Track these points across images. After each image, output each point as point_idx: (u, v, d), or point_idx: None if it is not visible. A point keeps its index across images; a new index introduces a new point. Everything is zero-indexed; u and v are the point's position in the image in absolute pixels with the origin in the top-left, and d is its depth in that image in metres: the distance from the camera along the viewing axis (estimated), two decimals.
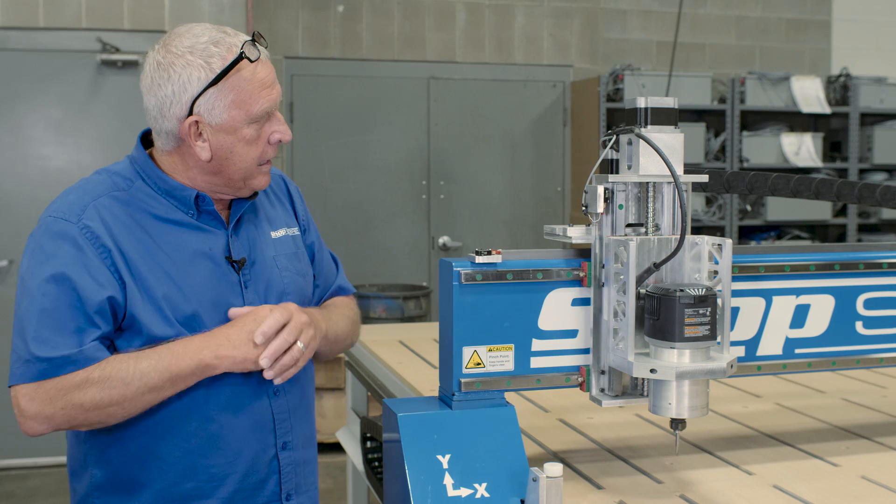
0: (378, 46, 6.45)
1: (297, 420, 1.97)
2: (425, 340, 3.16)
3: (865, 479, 1.87)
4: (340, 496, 5.04)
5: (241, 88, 1.78)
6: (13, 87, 5.37)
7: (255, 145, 1.83)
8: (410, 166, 6.60)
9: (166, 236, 1.83)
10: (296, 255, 2.02)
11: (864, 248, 2.06)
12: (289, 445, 1.95)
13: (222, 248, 1.88)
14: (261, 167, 1.87)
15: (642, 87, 6.35)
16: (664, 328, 1.63)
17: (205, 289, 1.84)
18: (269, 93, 1.81)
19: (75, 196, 1.83)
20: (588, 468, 1.93)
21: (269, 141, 1.84)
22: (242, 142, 1.81)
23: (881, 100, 6.92)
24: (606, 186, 1.71)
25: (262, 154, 1.84)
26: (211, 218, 1.88)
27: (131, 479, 1.84)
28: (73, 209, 1.79)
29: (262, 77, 1.80)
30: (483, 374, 1.74)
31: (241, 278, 1.89)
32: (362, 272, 6.32)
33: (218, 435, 1.85)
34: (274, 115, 1.85)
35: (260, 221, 1.98)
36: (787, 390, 2.59)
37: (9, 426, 5.42)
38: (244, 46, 1.77)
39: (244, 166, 1.84)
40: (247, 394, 1.87)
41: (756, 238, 6.95)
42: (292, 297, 1.95)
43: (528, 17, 6.69)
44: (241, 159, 1.83)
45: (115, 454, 1.84)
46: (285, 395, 1.94)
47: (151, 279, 1.79)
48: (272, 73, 1.83)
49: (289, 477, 1.95)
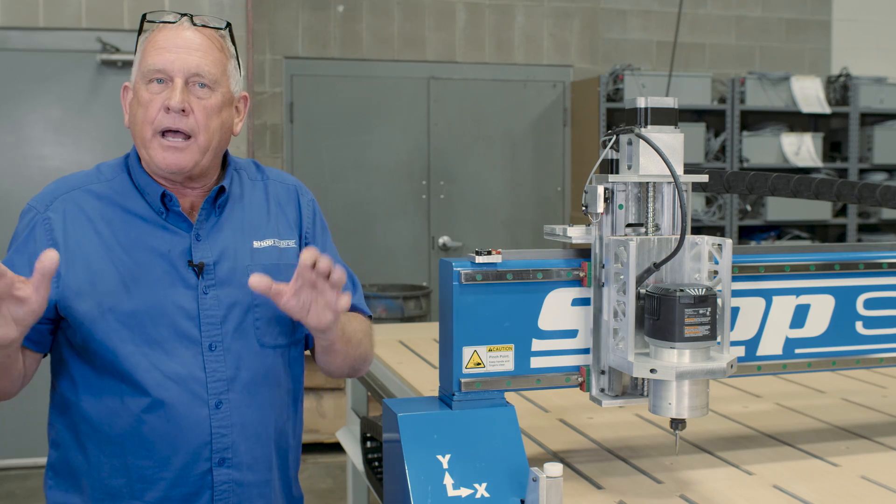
0: (378, 46, 6.45)
1: (247, 439, 1.86)
2: (425, 340, 3.16)
3: (865, 479, 1.87)
4: (340, 496, 5.04)
5: (142, 51, 1.82)
6: (13, 87, 5.37)
7: (147, 109, 1.77)
8: (410, 166, 6.60)
9: (129, 231, 1.82)
10: (278, 266, 1.89)
11: (864, 248, 2.06)
12: (228, 463, 1.84)
13: (183, 251, 1.83)
14: (159, 139, 1.78)
15: (642, 87, 6.35)
16: (664, 328, 1.63)
17: (153, 289, 1.80)
18: (162, 53, 1.77)
19: (53, 186, 1.90)
20: (588, 468, 1.93)
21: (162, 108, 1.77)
22: (139, 105, 1.79)
23: (881, 100, 6.92)
24: (606, 186, 1.71)
25: (153, 118, 1.77)
26: (179, 219, 1.84)
27: (74, 465, 1.86)
28: (45, 199, 1.87)
29: (160, 39, 1.80)
30: (483, 374, 1.74)
31: (200, 283, 1.83)
32: (362, 272, 6.32)
33: (147, 436, 1.80)
34: (173, 83, 1.77)
35: (243, 229, 1.90)
36: (787, 390, 2.59)
37: (9, 426, 5.44)
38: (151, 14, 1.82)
39: (139, 130, 1.79)
40: (183, 401, 1.80)
41: (756, 238, 6.95)
42: (261, 310, 1.87)
43: (528, 17, 6.69)
44: (138, 123, 1.79)
45: (64, 437, 1.87)
46: (232, 411, 1.84)
47: (99, 274, 1.79)
48: (184, 41, 1.79)
49: (224, 496, 1.85)
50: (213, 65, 1.81)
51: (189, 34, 1.80)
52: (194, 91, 1.79)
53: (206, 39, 1.82)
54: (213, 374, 1.83)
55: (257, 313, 1.88)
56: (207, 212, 1.87)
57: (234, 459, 1.85)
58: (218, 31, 1.86)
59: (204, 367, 1.82)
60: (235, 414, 1.85)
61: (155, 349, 1.80)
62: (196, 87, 1.79)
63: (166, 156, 1.78)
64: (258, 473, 1.90)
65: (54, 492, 1.90)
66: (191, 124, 1.78)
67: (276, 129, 6.30)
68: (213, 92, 1.81)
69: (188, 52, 1.78)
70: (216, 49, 1.83)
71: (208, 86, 1.80)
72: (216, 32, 1.85)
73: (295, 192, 2.03)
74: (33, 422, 5.53)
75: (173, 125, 1.77)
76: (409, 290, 6.09)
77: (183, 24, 1.81)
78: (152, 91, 1.78)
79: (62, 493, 1.89)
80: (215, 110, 1.81)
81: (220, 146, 1.86)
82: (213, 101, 1.81)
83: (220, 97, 1.83)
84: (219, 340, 1.84)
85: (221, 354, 1.84)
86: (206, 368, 1.82)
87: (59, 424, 1.89)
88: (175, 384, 1.80)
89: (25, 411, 5.43)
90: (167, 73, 1.77)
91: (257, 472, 1.90)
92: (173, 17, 1.81)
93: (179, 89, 1.76)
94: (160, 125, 1.77)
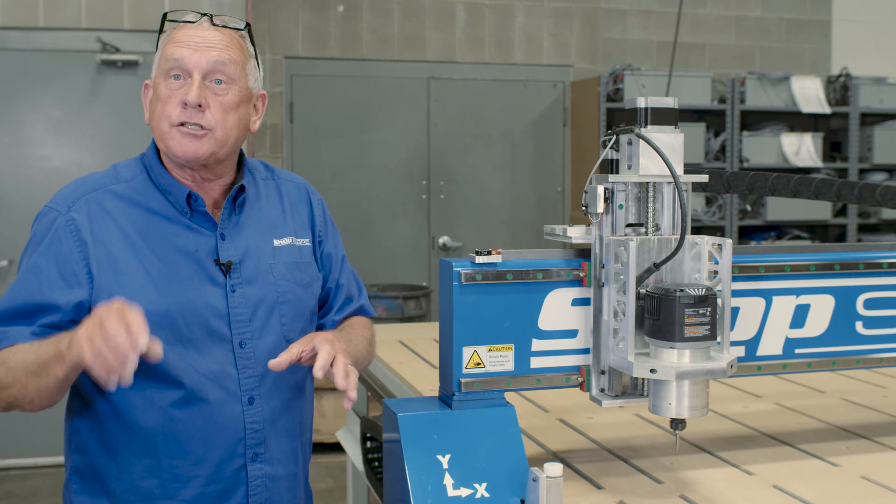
0: (378, 46, 6.45)
1: (277, 434, 1.91)
2: (425, 340, 3.16)
3: (865, 479, 1.87)
4: (340, 496, 5.04)
5: (163, 48, 1.84)
6: (13, 87, 5.37)
7: (165, 105, 1.80)
8: (410, 166, 6.60)
9: (154, 232, 1.83)
10: (297, 264, 1.96)
11: (864, 248, 2.06)
12: (260, 458, 1.88)
13: (209, 250, 1.86)
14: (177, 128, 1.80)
15: (642, 87, 6.35)
16: (664, 328, 1.63)
17: (183, 288, 1.82)
18: (180, 48, 1.80)
19: (72, 188, 1.88)
20: (588, 468, 1.93)
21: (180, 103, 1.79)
22: (158, 99, 1.82)
23: (881, 100, 6.92)
24: (606, 186, 1.72)
25: (171, 113, 1.80)
26: (203, 219, 1.87)
27: (102, 468, 1.85)
28: (66, 200, 1.85)
29: (180, 35, 1.82)
30: (483, 374, 1.74)
31: (227, 282, 1.86)
32: (362, 272, 6.29)
33: (181, 436, 1.82)
34: (191, 78, 1.80)
35: (263, 228, 1.94)
36: (787, 390, 2.59)
37: (9, 426, 5.44)
38: (171, 13, 1.84)
39: (158, 125, 1.82)
40: (218, 398, 1.83)
41: (756, 238, 6.95)
42: (287, 307, 1.91)
43: (528, 17, 6.69)
44: (156, 118, 1.82)
45: (89, 441, 1.86)
46: (263, 406, 1.88)
47: (129, 275, 1.79)
48: (202, 38, 1.81)
49: (258, 491, 1.89)
50: (230, 61, 1.83)
51: (208, 33, 1.83)
52: (211, 87, 1.81)
53: (225, 37, 1.84)
54: (244, 370, 1.86)
55: (283, 310, 1.91)
56: (229, 211, 1.90)
57: (266, 454, 1.89)
58: (237, 31, 1.89)
59: (235, 364, 1.85)
60: (266, 409, 1.88)
61: (188, 348, 1.82)
62: (213, 84, 1.81)
63: (184, 142, 1.80)
64: (287, 467, 1.95)
65: (81, 496, 1.88)
66: (207, 119, 1.80)
67: (276, 128, 6.31)
68: (230, 88, 1.83)
69: (206, 49, 1.81)
70: (235, 47, 1.85)
71: (225, 82, 1.82)
72: (235, 32, 1.88)
73: (305, 191, 2.08)
74: (33, 422, 5.53)
75: (190, 119, 1.79)
76: (409, 290, 6.08)
77: (203, 24, 1.84)
78: (170, 87, 1.80)
79: (89, 497, 1.87)
80: (232, 106, 1.83)
81: (237, 142, 1.88)
82: (230, 98, 1.83)
83: (238, 93, 1.84)
84: (248, 337, 1.87)
85: (251, 351, 1.87)
86: (238, 365, 1.85)
87: (84, 429, 1.86)
88: (210, 382, 1.83)
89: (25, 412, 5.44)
90: (185, 68, 1.80)
91: (286, 465, 1.95)
92: (194, 17, 1.84)
93: (196, 84, 1.79)
94: (177, 119, 1.80)
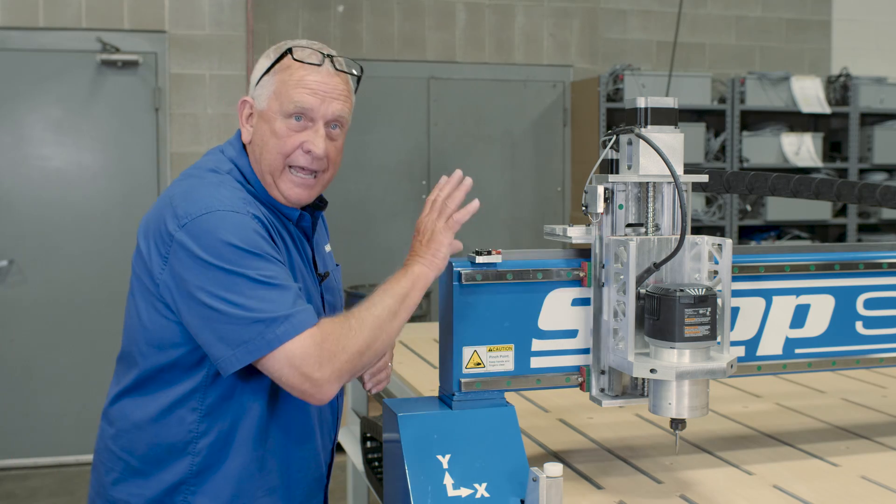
0: (378, 46, 6.45)
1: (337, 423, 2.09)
2: (425, 340, 3.16)
3: (865, 479, 1.87)
4: (340, 496, 5.03)
5: (284, 82, 1.87)
6: (13, 87, 5.37)
7: (285, 142, 1.86)
8: (410, 166, 6.60)
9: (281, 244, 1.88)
10: (338, 268, 2.13)
11: (864, 248, 2.06)
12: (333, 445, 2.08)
13: (309, 261, 1.98)
14: (292, 173, 1.87)
15: (642, 87, 6.35)
16: (664, 328, 1.63)
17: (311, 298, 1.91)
18: (307, 96, 1.84)
19: (226, 191, 1.82)
20: (588, 468, 1.93)
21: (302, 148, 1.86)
22: (273, 134, 1.87)
23: (881, 100, 6.92)
24: (606, 186, 1.72)
25: (289, 153, 1.86)
26: (301, 233, 1.97)
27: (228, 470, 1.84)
28: (234, 202, 1.79)
29: (309, 80, 1.86)
30: (483, 374, 1.74)
31: (321, 290, 1.99)
32: (362, 272, 6.31)
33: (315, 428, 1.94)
34: (315, 125, 1.87)
35: (321, 233, 2.08)
36: (787, 390, 2.59)
37: (9, 426, 5.44)
38: (297, 50, 1.87)
39: (271, 159, 1.87)
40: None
41: (756, 238, 6.95)
42: (339, 311, 2.03)
43: (528, 17, 6.69)
44: (269, 151, 1.87)
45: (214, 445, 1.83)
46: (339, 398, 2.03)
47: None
48: (328, 86, 1.87)
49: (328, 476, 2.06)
50: (348, 110, 1.93)
51: (333, 80, 1.89)
52: (328, 132, 1.89)
53: (345, 84, 1.93)
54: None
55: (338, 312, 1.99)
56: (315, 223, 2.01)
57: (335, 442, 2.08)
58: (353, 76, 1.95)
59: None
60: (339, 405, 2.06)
61: None
62: (330, 129, 1.90)
63: (298, 191, 1.89)
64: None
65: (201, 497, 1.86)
66: (323, 164, 1.90)
67: None
68: (342, 131, 1.94)
69: (331, 100, 1.88)
70: (350, 93, 1.95)
71: (340, 127, 1.92)
72: (350, 77, 1.94)
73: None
74: (33, 422, 5.53)
75: (310, 166, 1.88)
76: None
77: (327, 68, 1.88)
78: (291, 127, 1.87)
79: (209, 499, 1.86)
80: (341, 147, 1.95)
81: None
82: (341, 141, 1.94)
83: (344, 134, 1.96)
84: None
85: None
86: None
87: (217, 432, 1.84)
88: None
89: (25, 411, 5.44)
90: (311, 115, 1.87)
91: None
92: (318, 60, 1.88)
93: (322, 136, 1.87)
94: (295, 162, 1.88)
